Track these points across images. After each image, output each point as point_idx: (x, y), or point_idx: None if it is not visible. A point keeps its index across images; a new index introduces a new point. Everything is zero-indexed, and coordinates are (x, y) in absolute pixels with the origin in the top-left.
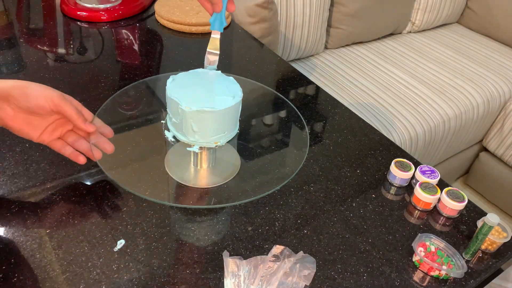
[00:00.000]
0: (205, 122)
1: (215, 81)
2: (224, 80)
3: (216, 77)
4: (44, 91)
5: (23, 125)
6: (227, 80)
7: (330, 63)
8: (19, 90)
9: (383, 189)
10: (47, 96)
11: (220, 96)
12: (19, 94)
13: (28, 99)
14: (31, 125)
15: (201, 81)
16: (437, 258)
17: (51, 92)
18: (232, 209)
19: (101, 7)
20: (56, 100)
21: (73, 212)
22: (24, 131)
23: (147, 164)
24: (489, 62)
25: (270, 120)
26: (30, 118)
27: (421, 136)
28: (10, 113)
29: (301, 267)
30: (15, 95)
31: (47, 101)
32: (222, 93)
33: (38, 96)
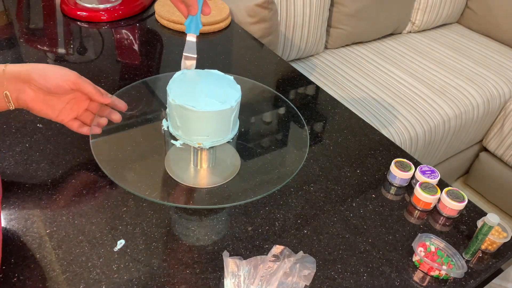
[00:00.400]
0: (186, 119)
1: (217, 84)
2: (226, 85)
3: (221, 81)
4: (61, 72)
5: (42, 106)
6: (230, 87)
7: (330, 63)
8: (39, 72)
9: (383, 189)
10: (65, 76)
11: (210, 98)
12: (39, 76)
13: (48, 80)
14: (50, 106)
15: (205, 81)
16: (437, 258)
17: (68, 72)
18: (232, 209)
19: (101, 7)
20: (74, 79)
21: (73, 212)
22: (44, 111)
23: (147, 164)
24: (489, 62)
25: (270, 120)
26: (49, 99)
27: (421, 136)
28: (31, 95)
29: (301, 267)
30: (35, 78)
31: (65, 80)
32: (214, 96)
33: (57, 77)
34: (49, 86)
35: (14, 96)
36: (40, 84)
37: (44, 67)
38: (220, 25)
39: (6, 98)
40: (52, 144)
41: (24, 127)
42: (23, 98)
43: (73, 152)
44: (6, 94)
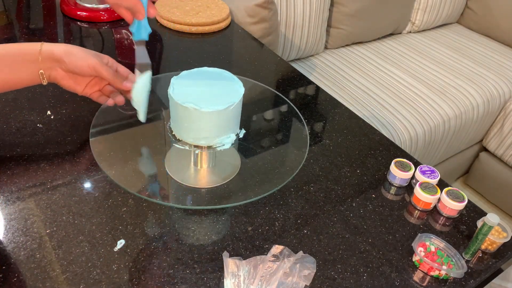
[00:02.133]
0: (187, 118)
1: (220, 84)
2: (229, 85)
3: (224, 81)
4: (87, 59)
5: (70, 82)
6: (233, 86)
7: (330, 63)
8: (69, 55)
9: (383, 189)
10: (90, 64)
11: (211, 98)
12: (69, 60)
13: (75, 64)
14: (77, 82)
15: (208, 82)
16: (437, 258)
17: (93, 59)
18: (232, 209)
19: (101, 7)
20: (97, 67)
21: (73, 212)
22: (72, 87)
23: (147, 164)
24: (489, 62)
25: (270, 120)
26: (76, 77)
27: (421, 136)
28: (61, 73)
29: (301, 267)
30: (66, 61)
31: (90, 68)
32: (215, 96)
33: (83, 63)
34: (76, 70)
35: (47, 73)
36: (67, 66)
37: (74, 50)
38: (220, 25)
39: (41, 76)
40: (52, 144)
41: (24, 127)
42: (54, 75)
43: (73, 152)
44: (41, 73)
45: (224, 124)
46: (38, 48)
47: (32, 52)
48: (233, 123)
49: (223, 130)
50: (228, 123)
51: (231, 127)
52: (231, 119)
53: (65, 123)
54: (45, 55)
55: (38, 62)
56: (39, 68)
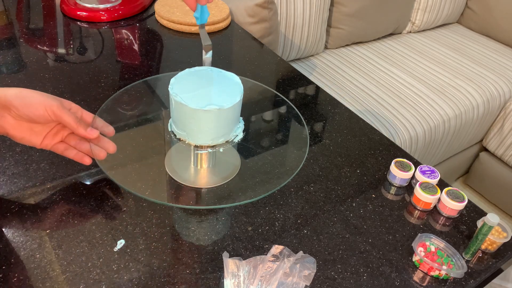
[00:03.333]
0: (187, 118)
1: (220, 84)
2: (230, 85)
3: (225, 81)
4: (44, 101)
5: (25, 133)
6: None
7: (330, 63)
8: (20, 100)
9: (383, 189)
10: (47, 106)
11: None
12: (20, 104)
13: (29, 109)
14: (33, 132)
15: (206, 81)
16: (437, 258)
17: (51, 101)
18: (232, 209)
19: (101, 7)
20: (56, 110)
21: (73, 212)
22: (26, 138)
23: (147, 164)
24: (489, 62)
25: (270, 120)
26: (32, 126)
27: (421, 136)
28: (11, 122)
29: (302, 267)
30: (16, 105)
31: (47, 110)
32: (216, 96)
33: (39, 106)
34: (30, 115)
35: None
36: (20, 112)
37: (27, 95)
38: (220, 25)
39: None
40: None
41: None
42: (3, 124)
43: None
44: None
45: (223, 123)
46: None
47: None
48: (228, 125)
49: (221, 129)
50: (227, 123)
51: (226, 129)
52: (230, 119)
53: None
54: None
55: None
56: None
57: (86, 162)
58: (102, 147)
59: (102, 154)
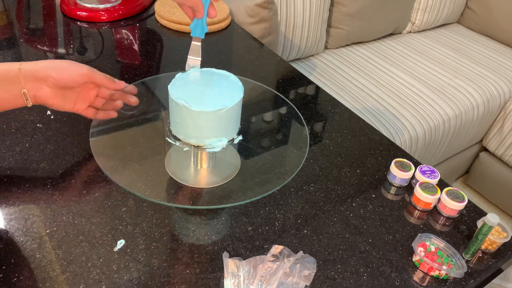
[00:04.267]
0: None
1: (220, 84)
2: (229, 85)
3: (224, 81)
4: (75, 67)
5: (59, 100)
6: (233, 87)
7: (330, 63)
8: (55, 69)
9: (383, 189)
10: (80, 70)
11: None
12: (57, 72)
13: (64, 75)
14: (66, 99)
15: (207, 80)
16: (437, 258)
17: (81, 66)
18: (232, 209)
19: (101, 7)
20: (88, 72)
21: (73, 212)
22: (61, 105)
23: (147, 164)
24: (489, 62)
25: (270, 120)
26: (64, 93)
27: (421, 136)
28: (48, 92)
29: (302, 267)
30: (53, 74)
31: (80, 74)
32: (215, 96)
33: (73, 71)
34: (66, 81)
35: (32, 94)
36: (57, 80)
37: (59, 64)
38: (220, 25)
39: (24, 96)
40: (52, 144)
41: (24, 127)
42: (41, 95)
43: (73, 152)
44: (24, 93)
45: (217, 125)
46: (17, 67)
47: (10, 72)
48: (228, 126)
49: (216, 131)
50: (222, 125)
51: (226, 130)
52: (225, 121)
53: (65, 123)
54: (26, 74)
55: (19, 82)
56: (21, 88)
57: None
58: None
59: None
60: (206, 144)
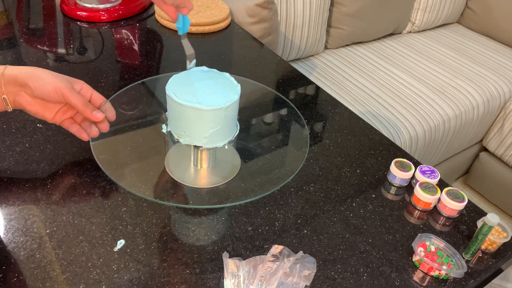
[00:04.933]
0: (185, 117)
1: (217, 83)
2: (226, 84)
3: (221, 80)
4: (54, 83)
5: (39, 109)
6: (229, 86)
7: (330, 63)
8: (34, 79)
9: (383, 189)
10: (57, 88)
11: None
12: (34, 83)
13: (41, 90)
14: (46, 108)
15: (205, 80)
16: (437, 258)
17: (60, 83)
18: (232, 209)
19: (101, 7)
20: (65, 93)
21: (73, 212)
22: (40, 113)
23: (147, 164)
24: (489, 62)
25: (270, 120)
26: (45, 103)
27: (421, 136)
28: (27, 98)
29: (302, 267)
30: (31, 85)
31: (57, 93)
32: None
33: (50, 88)
34: (42, 95)
35: (11, 99)
36: (33, 91)
37: (40, 74)
38: (220, 25)
39: (4, 102)
40: (52, 144)
41: (24, 127)
42: (20, 101)
43: (73, 152)
44: (4, 98)
45: (216, 124)
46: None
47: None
48: (227, 124)
49: (220, 129)
50: (225, 122)
51: (224, 128)
52: (224, 119)
53: None
54: (8, 79)
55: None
56: (1, 93)
57: (84, 138)
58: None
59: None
60: (205, 143)
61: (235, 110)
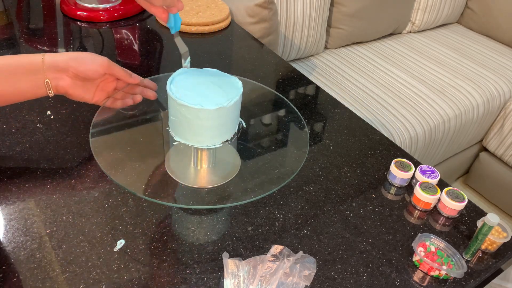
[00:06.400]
0: (185, 117)
1: (218, 83)
2: (227, 84)
3: (222, 80)
4: (95, 58)
5: (79, 91)
6: (231, 86)
7: (330, 63)
8: (76, 60)
9: (383, 189)
10: (99, 62)
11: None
12: (78, 63)
13: (85, 66)
14: (85, 89)
15: (205, 79)
16: (437, 258)
17: (101, 58)
18: (232, 209)
19: (101, 7)
20: (107, 64)
21: (73, 212)
22: (81, 95)
23: (147, 164)
24: (489, 62)
25: (270, 120)
26: (84, 84)
27: (421, 136)
28: (69, 82)
29: (302, 267)
30: (73, 65)
31: (101, 66)
32: (214, 95)
33: (93, 63)
34: (87, 72)
35: (54, 84)
36: (78, 71)
37: (79, 56)
38: (220, 25)
39: (46, 86)
40: (52, 144)
41: (24, 127)
42: (62, 85)
43: (73, 152)
44: (47, 82)
45: (222, 122)
46: (40, 58)
47: (34, 63)
48: (227, 124)
49: (220, 128)
50: (226, 121)
51: (225, 128)
52: (230, 117)
53: (65, 123)
54: (49, 65)
55: (42, 72)
56: (44, 78)
57: (131, 103)
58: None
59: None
60: (205, 143)
61: (236, 110)
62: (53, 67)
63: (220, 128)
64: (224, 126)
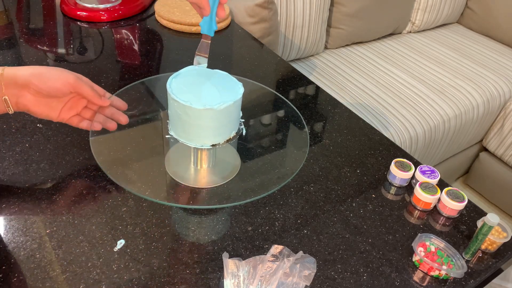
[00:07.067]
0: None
1: (218, 83)
2: (228, 84)
3: (223, 80)
4: (60, 75)
5: (43, 108)
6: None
7: (330, 63)
8: (38, 77)
9: (383, 189)
10: (64, 79)
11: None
12: (39, 80)
13: (47, 84)
14: (50, 107)
15: (205, 79)
16: (437, 258)
17: (67, 74)
18: (232, 209)
19: (101, 7)
20: (73, 82)
21: (73, 212)
22: (45, 113)
23: (147, 164)
24: (489, 62)
25: (270, 120)
26: (48, 101)
27: (421, 136)
28: (31, 99)
29: (302, 267)
30: (35, 82)
31: (65, 84)
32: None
33: (56, 80)
34: (49, 90)
35: (14, 101)
36: (39, 89)
37: (44, 71)
38: (220, 25)
39: (5, 103)
40: (52, 144)
41: (24, 127)
42: (23, 102)
43: (73, 152)
44: (5, 99)
45: (222, 122)
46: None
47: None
48: (227, 124)
49: (221, 128)
50: (226, 121)
51: (225, 128)
52: (230, 117)
53: None
54: (8, 80)
55: (0, 90)
56: (2, 95)
57: (97, 128)
58: (115, 119)
59: (113, 125)
60: (205, 143)
61: (236, 110)
62: (12, 83)
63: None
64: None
